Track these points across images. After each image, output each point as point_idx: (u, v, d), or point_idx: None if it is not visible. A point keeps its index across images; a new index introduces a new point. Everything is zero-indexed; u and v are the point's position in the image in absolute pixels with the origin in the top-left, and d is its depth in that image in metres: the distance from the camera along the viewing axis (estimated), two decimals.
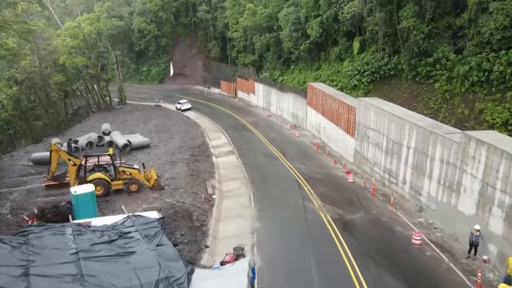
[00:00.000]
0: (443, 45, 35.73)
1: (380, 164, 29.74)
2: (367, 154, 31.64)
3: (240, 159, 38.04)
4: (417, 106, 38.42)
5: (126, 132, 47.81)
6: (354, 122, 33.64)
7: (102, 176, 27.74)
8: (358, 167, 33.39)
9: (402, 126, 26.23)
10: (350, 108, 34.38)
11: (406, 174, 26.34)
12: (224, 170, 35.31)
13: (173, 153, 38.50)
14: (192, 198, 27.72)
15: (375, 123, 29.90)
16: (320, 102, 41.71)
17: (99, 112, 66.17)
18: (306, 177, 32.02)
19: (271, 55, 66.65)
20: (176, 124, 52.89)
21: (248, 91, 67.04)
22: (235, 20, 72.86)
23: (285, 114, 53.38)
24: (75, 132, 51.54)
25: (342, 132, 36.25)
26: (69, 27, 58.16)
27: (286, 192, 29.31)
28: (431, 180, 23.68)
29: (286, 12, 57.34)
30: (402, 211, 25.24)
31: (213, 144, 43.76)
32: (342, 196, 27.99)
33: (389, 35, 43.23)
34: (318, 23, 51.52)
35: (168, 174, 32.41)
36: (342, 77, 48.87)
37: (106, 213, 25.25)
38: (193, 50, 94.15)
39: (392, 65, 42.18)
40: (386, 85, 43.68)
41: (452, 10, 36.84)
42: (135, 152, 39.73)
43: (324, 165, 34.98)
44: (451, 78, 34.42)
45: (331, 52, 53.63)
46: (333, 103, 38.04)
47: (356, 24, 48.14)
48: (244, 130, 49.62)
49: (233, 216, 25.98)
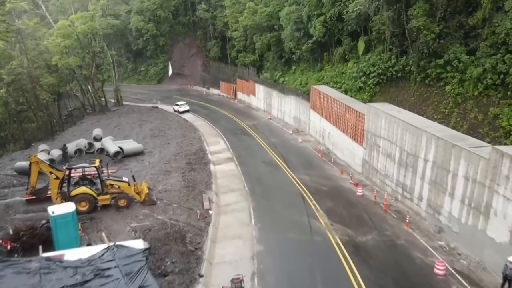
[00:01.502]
0: (455, 45, 33.26)
1: (392, 176, 26.92)
2: (377, 165, 28.82)
3: (239, 168, 35.24)
4: (426, 110, 35.97)
5: (120, 137, 44.98)
6: (362, 130, 30.82)
7: (87, 190, 24.91)
8: (367, 178, 30.57)
9: (419, 136, 23.42)
10: (357, 114, 31.56)
11: (422, 189, 23.52)
12: (222, 180, 32.50)
13: (168, 161, 35.66)
14: (187, 215, 24.93)
15: (387, 132, 27.08)
16: (324, 106, 38.88)
17: (94, 114, 63.20)
18: (311, 189, 29.21)
19: (272, 55, 64.06)
20: (172, 128, 50.02)
21: (248, 92, 64.18)
22: (235, 19, 70.37)
23: (287, 117, 50.52)
24: (65, 137, 48.63)
25: (349, 139, 33.43)
26: (62, 26, 55.15)
27: (290, 207, 26.51)
28: (453, 198, 20.86)
29: (287, 10, 54.80)
30: (419, 231, 22.42)
31: (211, 150, 40.96)
32: (351, 213, 25.18)
33: (396, 35, 40.86)
34: (321, 22, 49.10)
35: (161, 186, 29.60)
36: (346, 79, 46.33)
37: (90, 233, 22.53)
38: (192, 49, 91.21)
39: (399, 66, 39.85)
40: (393, 88, 41.16)
41: (463, 9, 34.43)
42: (128, 159, 36.83)
43: (330, 175, 32.15)
44: (463, 80, 32.02)
45: (334, 52, 50.99)
46: (338, 107, 35.21)
47: (361, 24, 45.69)
48: (243, 134, 46.79)
49: (231, 236, 23.17)
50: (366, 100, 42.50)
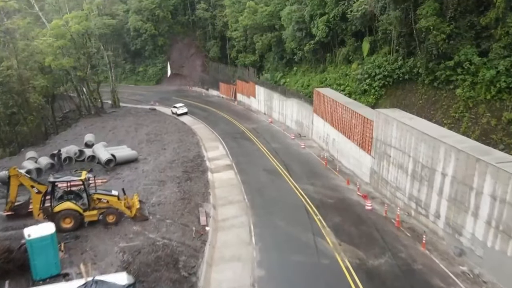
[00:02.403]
0: (466, 46, 31.11)
1: (404, 189, 24.55)
2: (387, 176, 26.45)
3: (238, 176, 32.90)
4: (435, 114, 33.85)
5: (114, 142, 42.61)
6: (370, 137, 28.44)
7: (72, 206, 22.51)
8: (376, 189, 28.19)
9: (436, 148, 21.05)
10: (365, 121, 29.18)
11: (440, 206, 21.15)
12: (221, 191, 30.14)
13: (163, 169, 33.27)
14: (181, 232, 22.59)
15: (398, 141, 24.71)
16: (328, 111, 36.50)
17: (89, 116, 60.73)
18: (316, 202, 26.85)
19: (273, 56, 61.81)
20: (169, 132, 47.64)
21: (248, 94, 61.76)
22: (234, 18, 68.15)
23: (289, 121, 48.13)
24: (57, 142, 46.26)
25: (356, 147, 31.06)
26: (55, 25, 52.69)
27: (293, 223, 24.13)
28: (476, 218, 18.51)
29: (289, 10, 52.55)
30: (438, 254, 20.05)
31: (209, 156, 38.61)
32: (360, 230, 22.81)
33: (403, 35, 38.78)
34: (324, 22, 47.00)
35: (155, 198, 27.21)
36: (350, 81, 44.21)
37: (73, 254, 20.17)
38: (191, 49, 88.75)
39: (406, 68, 37.82)
40: (399, 91, 39.02)
41: (475, 8, 32.27)
42: (121, 168, 34.44)
43: (336, 186, 29.76)
44: (474, 83, 29.86)
45: (338, 53, 48.74)
46: (344, 113, 32.83)
47: (366, 24, 43.56)
48: (243, 138, 44.41)
49: (229, 258, 20.81)
50: (371, 103, 40.46)
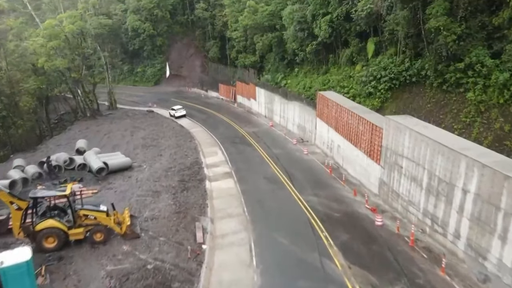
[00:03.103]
0: (477, 48, 28.98)
1: (418, 204, 22.38)
2: (398, 188, 24.27)
3: (238, 185, 30.75)
4: (444, 118, 31.72)
5: (109, 147, 40.43)
6: (379, 146, 26.26)
7: (55, 224, 20.40)
8: (385, 202, 26.00)
9: (455, 161, 18.87)
10: (373, 128, 27.00)
11: (460, 225, 18.98)
12: (219, 202, 27.97)
13: (158, 178, 31.11)
14: (175, 252, 20.48)
15: (411, 151, 22.54)
16: (333, 116, 34.32)
17: (84, 119, 58.41)
18: (321, 215, 24.69)
19: (274, 57, 59.59)
20: (166, 136, 45.42)
21: (248, 96, 59.52)
22: (234, 18, 65.96)
23: (290, 125, 45.90)
24: (49, 147, 44.03)
25: (363, 155, 28.87)
26: (49, 25, 50.38)
27: (298, 240, 21.95)
28: (504, 243, 16.34)
29: (290, 9, 50.31)
30: (459, 279, 17.87)
31: (208, 163, 36.46)
32: (371, 250, 20.64)
33: (410, 36, 36.56)
34: (327, 22, 44.81)
35: (148, 212, 25.06)
36: (355, 83, 42.03)
37: (55, 279, 18.08)
38: (190, 49, 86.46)
39: (414, 70, 35.69)
40: (406, 94, 36.88)
41: (486, 8, 30.13)
42: (113, 176, 32.23)
43: (342, 197, 27.56)
44: (486, 86, 27.69)
45: (341, 54, 46.54)
46: (350, 118, 30.65)
47: (371, 24, 41.41)
48: (243, 143, 42.21)
49: (228, 283, 18.63)
50: (377, 106, 38.45)
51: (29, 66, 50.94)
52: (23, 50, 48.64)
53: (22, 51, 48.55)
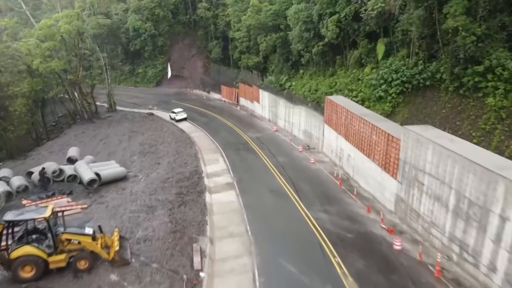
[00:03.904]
0: (498, 50, 26.59)
1: (442, 227, 19.63)
2: (419, 207, 21.53)
3: (241, 198, 28.09)
4: (461, 125, 29.27)
5: (104, 154, 37.82)
6: (396, 158, 23.52)
7: (33, 251, 17.77)
8: (403, 221, 23.25)
9: (491, 182, 16.13)
10: (389, 138, 24.25)
11: (497, 257, 16.25)
12: (220, 218, 25.31)
13: (154, 191, 28.45)
14: (169, 283, 17.86)
15: (435, 167, 19.78)
16: (342, 123, 31.58)
17: (81, 123, 55.71)
18: (333, 236, 21.97)
19: (278, 58, 56.90)
20: (166, 142, 42.73)
21: (251, 98, 56.77)
22: (237, 18, 63.29)
23: (296, 130, 43.11)
24: (41, 153, 41.41)
25: (376, 167, 26.12)
26: (44, 25, 47.75)
27: (307, 268, 19.18)
28: None
29: (296, 9, 47.62)
30: None
31: (208, 172, 33.83)
32: (391, 282, 17.88)
33: (424, 36, 33.98)
34: (334, 22, 42.27)
35: (140, 232, 22.40)
36: (363, 86, 39.49)
37: None
38: (192, 50, 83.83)
39: (428, 73, 33.36)
40: (419, 98, 34.42)
41: (506, 7, 27.86)
42: (106, 188, 29.56)
43: (354, 214, 24.81)
44: (508, 91, 25.45)
45: (349, 56, 43.89)
46: (362, 127, 27.89)
47: (382, 24, 38.78)
48: (246, 150, 39.50)
49: None
50: (388, 111, 35.95)
51: (23, 68, 48.28)
52: (14, 51, 45.93)
53: (12, 52, 45.83)
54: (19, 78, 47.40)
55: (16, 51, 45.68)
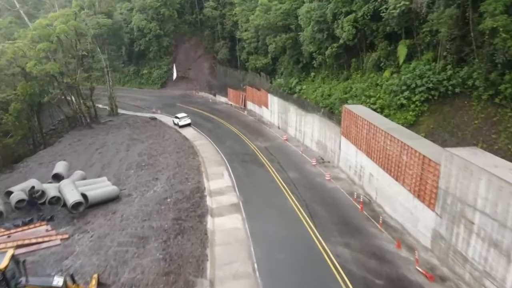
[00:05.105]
0: None
1: (501, 281, 15.27)
2: (466, 250, 17.15)
3: (247, 224, 23.96)
4: (497, 138, 25.39)
5: (98, 167, 33.82)
6: (434, 186, 19.15)
7: None
8: (443, 263, 18.87)
9: None
10: (425, 161, 19.88)
11: None
12: (223, 251, 21.17)
13: (148, 215, 24.29)
14: None
15: (492, 205, 15.41)
16: (363, 136, 27.22)
17: (79, 128, 51.71)
18: (359, 283, 17.71)
19: (287, 60, 52.71)
20: (166, 152, 38.60)
21: (259, 103, 52.50)
22: (245, 17, 59.19)
23: (308, 140, 38.70)
24: (29, 166, 37.53)
25: (407, 193, 21.75)
26: (39, 25, 43.87)
27: None
28: None
29: (308, 8, 43.46)
30: None
31: (212, 189, 29.76)
32: None
33: (454, 38, 29.77)
34: (351, 22, 38.11)
35: (127, 273, 18.24)
36: (383, 93, 35.52)
37: None
38: (198, 51, 79.75)
39: (458, 79, 29.30)
40: (447, 107, 30.45)
41: None
42: (94, 212, 25.48)
43: (381, 250, 20.47)
44: None
45: (366, 58, 39.59)
46: (389, 144, 23.52)
47: (404, 24, 34.60)
48: (254, 162, 35.29)
49: None
50: (410, 121, 31.86)
51: (18, 70, 44.47)
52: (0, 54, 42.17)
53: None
54: (13, 81, 43.58)
55: (2, 53, 41.72)
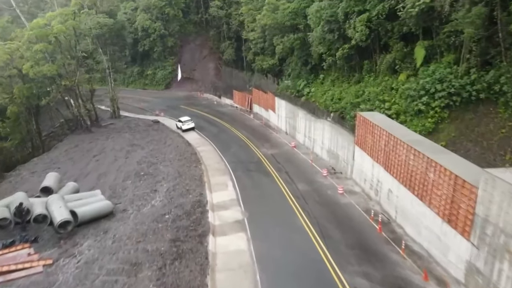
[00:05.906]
0: None
1: None
2: None
3: (252, 246, 21.30)
4: None
5: (93, 177, 31.24)
6: (469, 212, 16.30)
7: None
8: None
9: None
10: (457, 181, 17.02)
11: None
12: (224, 280, 18.51)
13: (143, 235, 21.64)
14: None
15: None
16: (381, 148, 24.38)
17: (78, 132, 49.19)
18: None
19: (295, 61, 49.80)
20: (167, 159, 35.95)
21: (266, 106, 49.72)
22: (251, 17, 56.46)
23: (318, 148, 35.84)
24: (21, 175, 35.02)
25: (434, 216, 18.90)
26: (36, 25, 41.45)
27: None
28: None
29: (318, 7, 40.53)
30: None
31: (215, 202, 27.12)
32: None
33: (479, 39, 26.87)
34: (364, 22, 35.25)
35: None
36: (398, 97, 32.63)
37: None
38: (204, 51, 77.16)
39: (483, 84, 26.25)
40: (469, 114, 27.58)
41: None
42: (84, 231, 22.82)
43: (406, 282, 17.59)
44: None
45: (379, 60, 36.63)
46: (412, 158, 20.66)
47: (422, 24, 31.69)
48: (260, 172, 32.55)
49: None
50: (429, 128, 28.94)
51: (14, 72, 42.14)
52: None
53: None
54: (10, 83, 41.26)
55: None
